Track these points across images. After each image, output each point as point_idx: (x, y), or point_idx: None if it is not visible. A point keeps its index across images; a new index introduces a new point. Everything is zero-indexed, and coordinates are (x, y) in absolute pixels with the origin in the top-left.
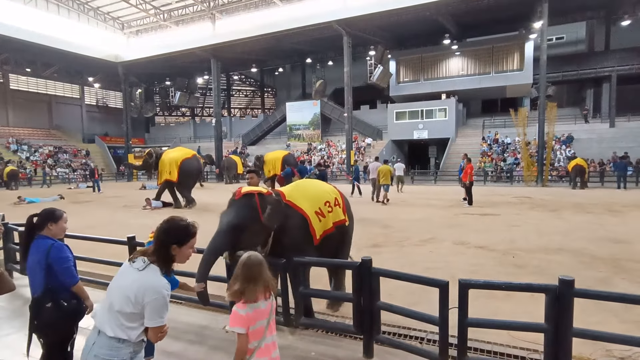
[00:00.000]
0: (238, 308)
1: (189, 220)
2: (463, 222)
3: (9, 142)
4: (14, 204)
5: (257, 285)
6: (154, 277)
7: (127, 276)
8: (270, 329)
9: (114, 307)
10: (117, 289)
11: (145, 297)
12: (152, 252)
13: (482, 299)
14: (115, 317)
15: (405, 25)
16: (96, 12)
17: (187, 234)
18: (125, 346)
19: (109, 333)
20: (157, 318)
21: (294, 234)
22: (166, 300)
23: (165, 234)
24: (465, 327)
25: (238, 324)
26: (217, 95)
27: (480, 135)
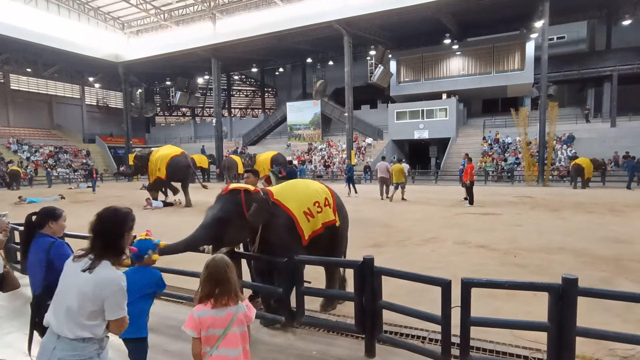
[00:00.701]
0: (194, 310)
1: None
2: (464, 221)
3: (10, 142)
4: (14, 204)
5: (225, 289)
6: (108, 271)
7: (77, 276)
8: (227, 341)
9: (72, 309)
10: (71, 290)
11: (104, 291)
12: (99, 248)
13: (484, 298)
14: (75, 318)
15: (405, 24)
16: (96, 12)
17: (133, 219)
18: (90, 344)
19: (70, 336)
20: (118, 310)
21: (280, 233)
22: (124, 291)
23: (117, 226)
24: (468, 326)
25: (189, 326)
26: (217, 95)
27: (481, 135)
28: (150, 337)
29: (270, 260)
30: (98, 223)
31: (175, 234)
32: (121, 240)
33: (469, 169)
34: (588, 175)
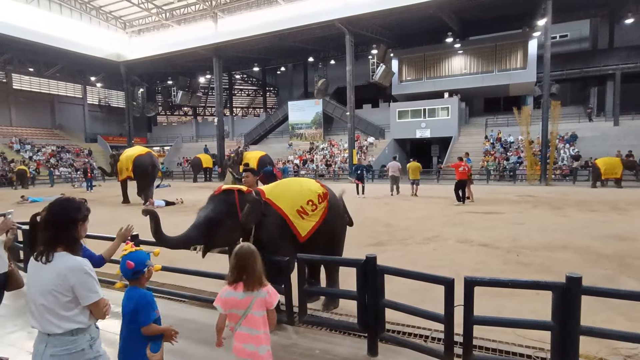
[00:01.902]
0: (222, 290)
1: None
2: (466, 220)
3: (12, 142)
4: (17, 203)
5: (251, 276)
6: (67, 259)
7: (40, 273)
8: (248, 321)
9: (45, 305)
10: (38, 287)
11: (69, 279)
12: (50, 238)
13: (486, 297)
14: (52, 313)
15: (407, 23)
16: (98, 11)
17: (86, 208)
18: (81, 336)
19: (58, 331)
20: (89, 294)
21: (271, 232)
22: (90, 273)
23: (67, 214)
24: (471, 325)
25: (218, 303)
26: (219, 95)
27: (483, 134)
28: None
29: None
30: (48, 213)
31: (177, 232)
32: (73, 229)
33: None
34: (608, 175)
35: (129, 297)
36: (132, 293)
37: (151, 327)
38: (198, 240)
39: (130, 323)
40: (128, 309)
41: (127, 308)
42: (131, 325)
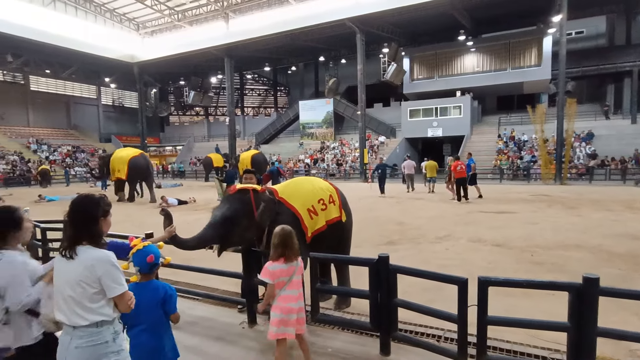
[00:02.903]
0: (268, 265)
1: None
2: (478, 219)
3: (30, 142)
4: (34, 202)
5: (291, 250)
6: (93, 252)
7: (67, 267)
8: (292, 285)
9: (75, 297)
10: (65, 281)
11: (97, 271)
12: (74, 234)
13: (499, 297)
14: (80, 305)
15: (419, 21)
16: (112, 13)
17: (108, 203)
18: (105, 328)
19: (84, 322)
20: (115, 285)
21: None
22: (116, 265)
23: (89, 211)
24: (485, 325)
25: (266, 276)
26: (230, 94)
27: (496, 132)
28: None
29: None
30: (70, 210)
31: (190, 231)
32: (94, 224)
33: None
34: None
35: (155, 289)
36: (155, 285)
37: (178, 314)
38: (214, 240)
39: (155, 312)
40: (155, 299)
41: (153, 299)
42: (156, 313)
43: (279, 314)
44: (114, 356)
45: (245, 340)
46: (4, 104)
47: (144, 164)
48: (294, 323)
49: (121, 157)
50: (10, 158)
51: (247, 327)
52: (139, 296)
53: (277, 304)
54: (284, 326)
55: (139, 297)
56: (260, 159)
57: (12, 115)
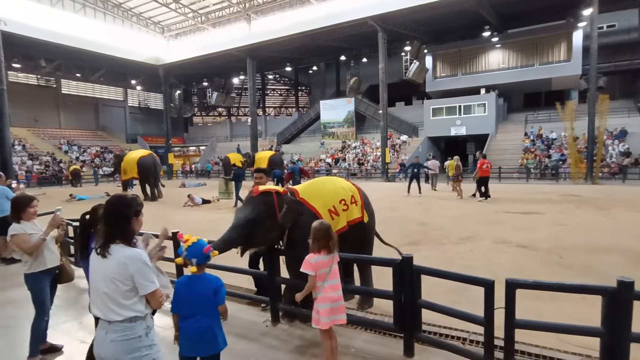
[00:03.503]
0: (309, 258)
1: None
2: (504, 219)
3: (61, 143)
4: (66, 201)
5: (333, 240)
6: (126, 250)
7: (101, 264)
8: (332, 274)
9: (107, 293)
10: (100, 277)
11: (129, 269)
12: (108, 232)
13: (525, 300)
14: (115, 302)
15: (442, 18)
16: (139, 17)
17: (139, 203)
18: (138, 324)
19: (118, 318)
20: (147, 283)
21: (304, 230)
22: (148, 263)
23: (122, 210)
24: (513, 329)
25: (308, 268)
26: (252, 95)
27: (522, 130)
28: None
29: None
30: (104, 211)
31: (215, 229)
32: (126, 224)
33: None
34: None
35: (207, 280)
36: (207, 277)
37: (225, 307)
38: (239, 242)
39: (209, 302)
40: (209, 290)
41: (207, 290)
42: (210, 303)
43: (328, 304)
44: (146, 350)
45: (268, 338)
46: (38, 107)
47: (152, 163)
48: (343, 309)
49: (131, 159)
50: (44, 159)
51: (271, 325)
52: (194, 287)
53: (323, 295)
54: (334, 315)
55: (195, 288)
56: (277, 159)
57: (44, 117)
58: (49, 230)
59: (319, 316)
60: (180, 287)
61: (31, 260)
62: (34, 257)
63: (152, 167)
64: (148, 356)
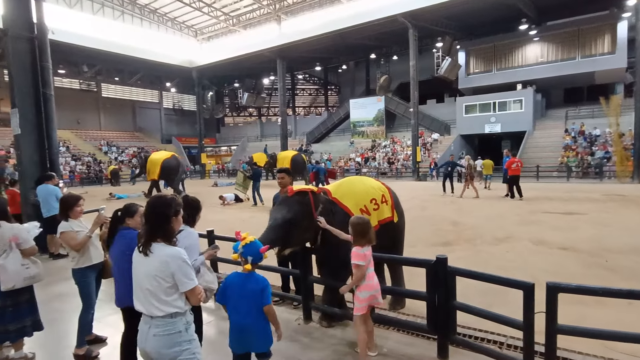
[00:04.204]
0: (358, 249)
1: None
2: (542, 220)
3: (101, 144)
4: (106, 200)
5: (370, 234)
6: (166, 249)
7: (143, 261)
8: (371, 263)
9: (150, 290)
10: (143, 274)
11: (170, 267)
12: (149, 231)
13: (566, 304)
14: (157, 298)
15: (475, 12)
16: (173, 22)
17: (178, 203)
18: (179, 319)
19: (160, 314)
20: (187, 280)
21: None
22: (187, 261)
23: (162, 210)
24: (555, 334)
25: (360, 259)
26: (282, 95)
27: (562, 127)
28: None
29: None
30: (146, 209)
31: (247, 228)
32: (166, 223)
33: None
34: None
35: (257, 279)
36: (256, 276)
37: (272, 308)
38: (276, 242)
39: (258, 301)
40: (257, 289)
41: (256, 288)
42: (258, 302)
43: (369, 292)
44: (186, 345)
45: (300, 336)
46: (80, 110)
47: (175, 164)
48: (380, 294)
49: (155, 160)
50: (85, 159)
51: (303, 323)
52: (245, 284)
53: (367, 283)
54: (374, 299)
55: (247, 285)
56: (299, 159)
57: (86, 120)
58: (94, 227)
59: (361, 304)
60: (230, 281)
61: (78, 256)
62: (80, 254)
63: (175, 169)
64: (188, 350)
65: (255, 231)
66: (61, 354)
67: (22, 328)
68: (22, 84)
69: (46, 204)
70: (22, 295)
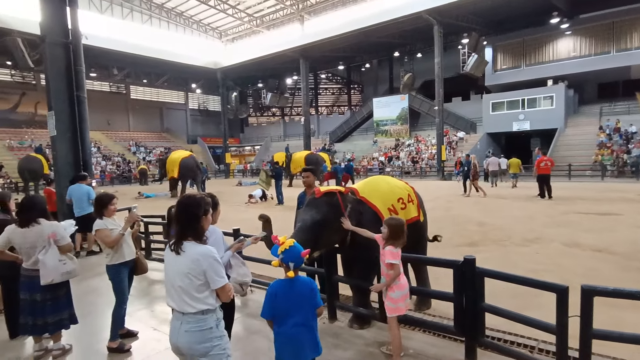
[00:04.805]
0: (392, 249)
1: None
2: (574, 221)
3: (130, 145)
4: (135, 198)
5: (405, 236)
6: (197, 247)
7: (175, 260)
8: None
9: (183, 287)
10: (175, 272)
11: (201, 265)
12: (180, 230)
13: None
14: (189, 295)
15: (503, 7)
16: (199, 24)
17: (208, 202)
18: (210, 316)
19: (192, 310)
20: (218, 278)
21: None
22: (218, 260)
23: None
24: (590, 339)
25: (396, 258)
26: (305, 95)
27: (596, 124)
28: (253, 322)
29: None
30: (176, 211)
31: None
32: (197, 222)
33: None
34: None
35: (303, 282)
36: (303, 279)
37: (322, 307)
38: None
39: (306, 305)
40: (306, 292)
41: (304, 292)
42: (307, 306)
43: (401, 291)
44: (217, 340)
45: (326, 336)
46: (110, 112)
47: (193, 164)
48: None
49: (173, 159)
50: (115, 159)
51: (328, 322)
52: (294, 290)
53: (397, 283)
54: (406, 299)
55: (294, 290)
56: (313, 159)
57: (116, 121)
58: (127, 225)
59: (395, 304)
60: (278, 291)
61: (112, 253)
62: (114, 250)
63: (193, 168)
64: (219, 346)
65: (278, 229)
66: (95, 347)
67: (60, 321)
68: (58, 88)
69: (79, 204)
70: (60, 289)
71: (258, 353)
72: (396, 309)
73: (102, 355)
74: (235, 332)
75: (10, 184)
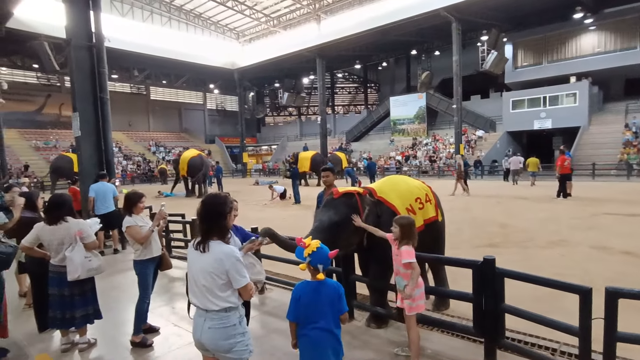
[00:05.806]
0: (409, 249)
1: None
2: (603, 223)
3: (150, 145)
4: (155, 197)
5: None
6: (221, 247)
7: (199, 259)
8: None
9: (206, 286)
10: (199, 271)
11: (224, 264)
12: (205, 230)
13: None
14: (211, 293)
15: (524, 3)
16: (216, 25)
17: (231, 201)
18: (232, 313)
19: (215, 308)
20: (240, 278)
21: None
22: (241, 260)
23: (217, 209)
24: (614, 342)
25: (413, 257)
26: (322, 94)
27: (622, 121)
28: (271, 320)
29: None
30: (201, 208)
31: (287, 225)
32: (222, 221)
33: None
34: None
35: (330, 286)
36: (330, 282)
37: (347, 314)
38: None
39: (332, 309)
40: (332, 296)
41: (331, 296)
42: (333, 310)
43: (420, 289)
44: (240, 337)
45: (344, 335)
46: (131, 112)
47: (199, 162)
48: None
49: (183, 158)
50: (136, 159)
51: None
52: (321, 292)
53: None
54: (423, 297)
55: (322, 293)
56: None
57: (136, 121)
58: (156, 222)
59: (415, 302)
60: (302, 293)
61: (141, 249)
62: (144, 246)
63: (200, 167)
64: (242, 342)
65: (295, 228)
66: (119, 341)
67: (86, 315)
68: (82, 89)
69: (104, 202)
70: (86, 285)
71: (275, 350)
72: (415, 307)
73: (126, 349)
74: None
75: (37, 183)
